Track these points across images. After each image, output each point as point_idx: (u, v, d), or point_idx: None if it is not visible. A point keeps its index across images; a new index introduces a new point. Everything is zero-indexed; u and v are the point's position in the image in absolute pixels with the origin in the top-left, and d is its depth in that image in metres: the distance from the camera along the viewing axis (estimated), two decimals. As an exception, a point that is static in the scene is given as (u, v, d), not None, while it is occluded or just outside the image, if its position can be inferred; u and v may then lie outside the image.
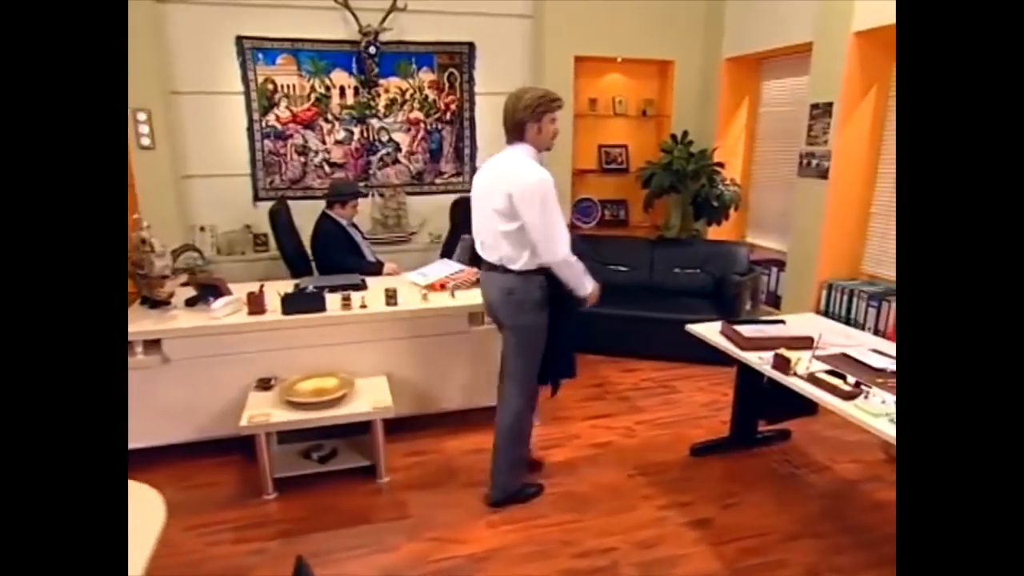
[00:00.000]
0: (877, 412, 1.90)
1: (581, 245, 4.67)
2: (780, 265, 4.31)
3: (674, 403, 3.52)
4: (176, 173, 4.08)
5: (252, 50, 4.10)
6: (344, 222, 3.79)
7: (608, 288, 4.42)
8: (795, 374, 2.22)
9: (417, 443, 3.03)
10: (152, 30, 3.76)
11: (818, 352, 2.43)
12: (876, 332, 3.48)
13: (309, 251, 3.83)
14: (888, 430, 1.82)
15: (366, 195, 3.93)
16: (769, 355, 2.34)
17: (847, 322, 3.67)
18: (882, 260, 3.76)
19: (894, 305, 3.38)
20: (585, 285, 2.40)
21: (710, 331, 2.71)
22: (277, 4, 4.07)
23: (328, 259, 3.70)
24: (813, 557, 2.24)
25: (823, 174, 3.78)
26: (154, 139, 3.85)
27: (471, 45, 4.54)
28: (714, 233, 4.92)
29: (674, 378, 3.84)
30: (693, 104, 4.94)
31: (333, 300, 2.90)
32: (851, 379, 2.13)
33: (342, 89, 4.34)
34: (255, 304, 2.80)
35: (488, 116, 4.72)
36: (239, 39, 4.06)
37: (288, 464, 2.73)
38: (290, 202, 4.19)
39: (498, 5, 4.50)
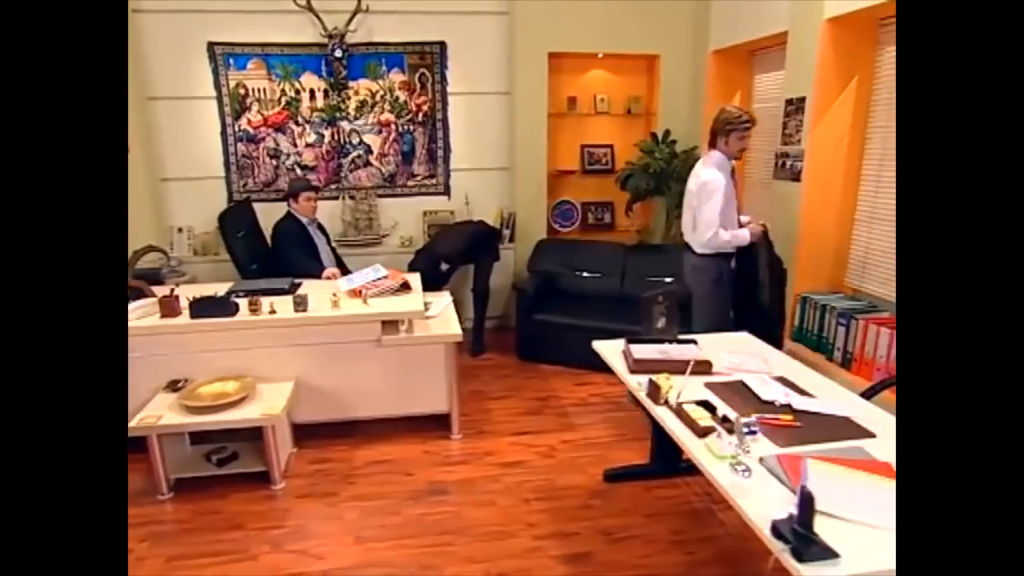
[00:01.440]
0: (720, 454, 1.67)
1: (552, 251, 4.52)
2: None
3: (614, 422, 3.31)
4: (154, 176, 4.27)
5: (223, 55, 4.22)
6: (305, 220, 3.82)
7: (575, 296, 4.28)
8: (665, 403, 2.00)
9: (327, 450, 3.00)
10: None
11: (714, 379, 2.20)
12: (845, 355, 3.13)
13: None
14: (722, 477, 1.60)
15: (317, 189, 3.93)
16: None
17: (819, 341, 3.32)
18: (866, 273, 3.37)
19: (863, 323, 3.01)
20: (742, 239, 2.99)
21: (612, 349, 2.51)
22: (246, 10, 4.15)
23: (278, 256, 3.75)
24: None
25: (796, 176, 3.44)
26: (128, 143, 4.03)
27: (443, 44, 4.46)
28: (703, 239, 4.60)
29: (626, 394, 3.61)
30: (682, 101, 4.64)
31: (245, 305, 2.92)
32: (722, 413, 1.90)
33: (312, 92, 4.38)
34: (168, 308, 2.86)
35: (462, 117, 4.63)
36: (210, 45, 4.18)
37: (189, 465, 2.78)
38: (264, 205, 4.31)
39: (471, 3, 4.40)
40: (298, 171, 4.49)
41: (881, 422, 1.88)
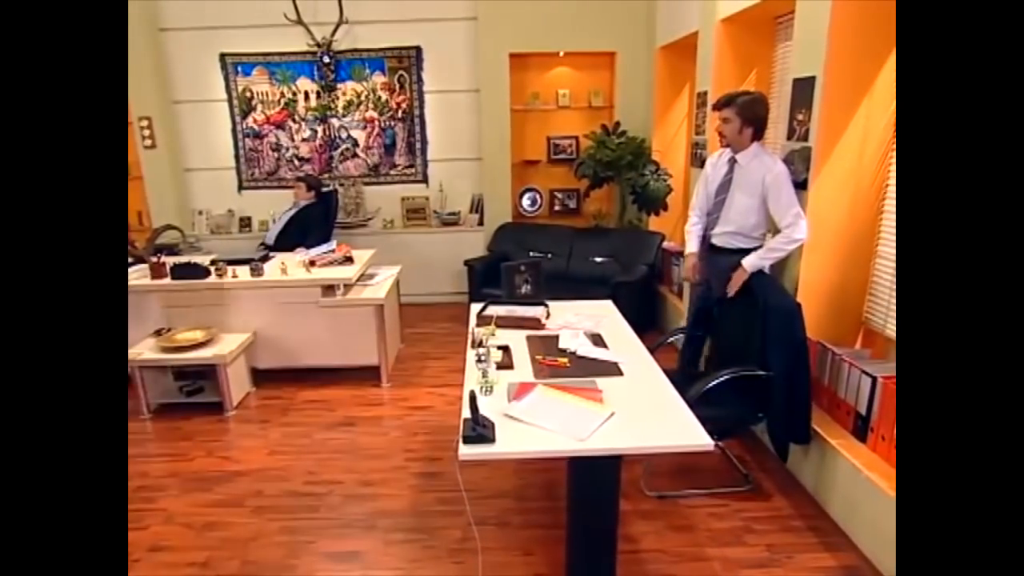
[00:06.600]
0: (480, 380, 2.13)
1: (511, 233, 4.99)
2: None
3: (525, 380, 3.77)
4: (178, 167, 5.13)
5: (233, 64, 4.99)
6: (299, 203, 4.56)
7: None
8: (478, 344, 2.47)
9: (278, 390, 3.68)
10: (155, 53, 4.80)
11: (539, 333, 2.64)
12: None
13: None
14: (467, 393, 2.06)
15: (301, 179, 4.62)
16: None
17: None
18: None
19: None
20: (688, 244, 3.10)
21: (477, 308, 2.98)
22: (251, 24, 4.90)
23: None
24: (491, 512, 2.49)
25: (703, 164, 3.72)
26: (155, 140, 4.90)
27: (418, 48, 5.02)
28: (656, 224, 4.91)
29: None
30: (638, 94, 4.95)
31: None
32: (515, 354, 2.35)
33: (306, 94, 5.08)
34: (156, 271, 3.62)
35: (438, 113, 5.17)
36: (222, 56, 4.97)
37: (167, 395, 3.53)
38: (268, 192, 5.06)
39: (443, 10, 4.92)
40: (296, 162, 5.22)
41: (639, 367, 2.27)
